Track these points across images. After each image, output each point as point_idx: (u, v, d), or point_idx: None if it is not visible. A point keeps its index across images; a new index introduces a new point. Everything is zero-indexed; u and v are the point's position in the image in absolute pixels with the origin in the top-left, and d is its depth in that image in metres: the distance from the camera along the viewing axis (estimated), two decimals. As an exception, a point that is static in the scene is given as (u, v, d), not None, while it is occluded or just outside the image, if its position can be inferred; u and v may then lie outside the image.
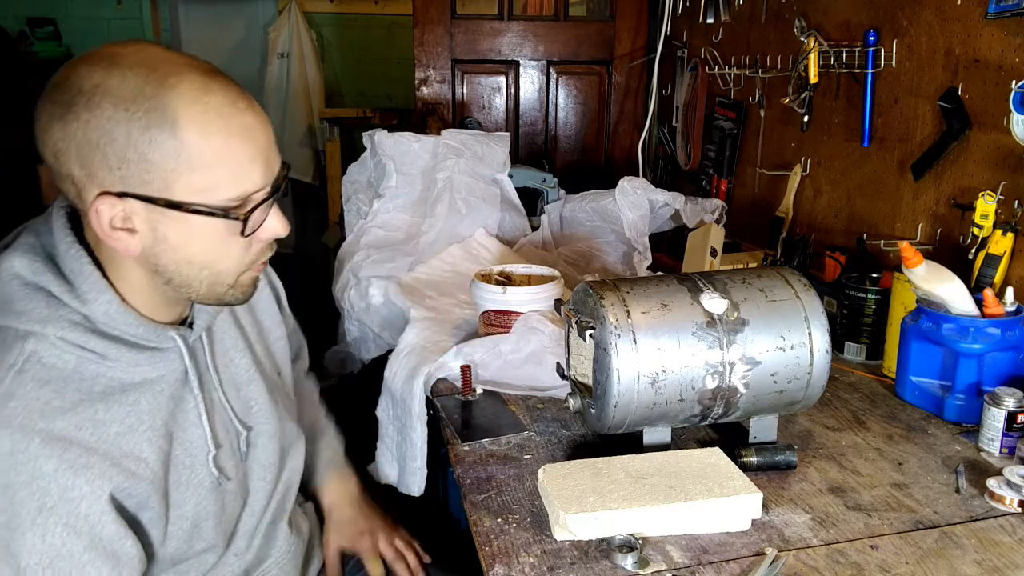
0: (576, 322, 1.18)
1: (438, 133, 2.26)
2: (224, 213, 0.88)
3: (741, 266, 2.04)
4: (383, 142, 2.20)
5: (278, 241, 0.98)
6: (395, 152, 2.19)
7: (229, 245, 0.90)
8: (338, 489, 1.36)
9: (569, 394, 1.28)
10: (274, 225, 0.93)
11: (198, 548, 1.01)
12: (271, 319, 1.20)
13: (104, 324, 0.90)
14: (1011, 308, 1.34)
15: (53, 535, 0.83)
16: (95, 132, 0.83)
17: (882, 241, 1.76)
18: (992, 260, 1.45)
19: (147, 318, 0.93)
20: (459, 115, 3.19)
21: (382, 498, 1.45)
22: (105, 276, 0.91)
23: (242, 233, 0.90)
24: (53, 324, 0.87)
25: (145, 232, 0.87)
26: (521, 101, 3.23)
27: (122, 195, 0.85)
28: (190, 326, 1.00)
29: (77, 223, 0.93)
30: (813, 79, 2.00)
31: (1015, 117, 1.42)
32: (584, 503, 1.01)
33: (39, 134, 0.86)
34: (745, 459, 1.18)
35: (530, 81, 3.21)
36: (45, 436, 0.83)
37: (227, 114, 0.86)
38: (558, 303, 1.32)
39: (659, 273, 1.71)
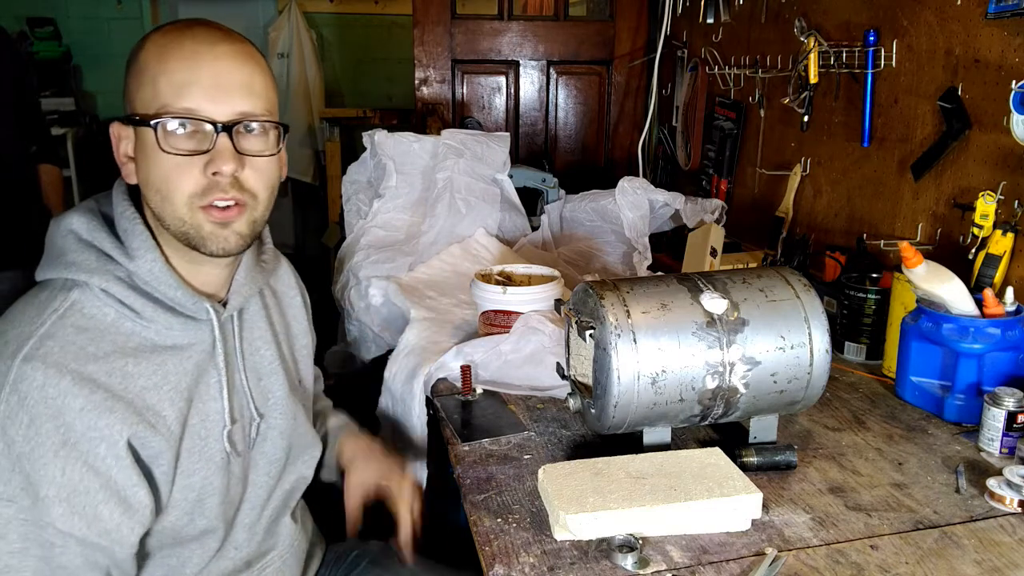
0: (576, 322, 1.18)
1: (438, 133, 2.27)
2: (143, 120, 0.94)
3: (741, 266, 2.04)
4: (383, 142, 2.20)
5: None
6: (395, 152, 2.19)
7: (160, 162, 0.94)
8: (356, 442, 1.35)
9: (569, 394, 1.28)
10: (222, 156, 0.94)
11: (200, 526, 1.03)
12: (299, 326, 1.24)
13: (146, 283, 0.96)
14: (1011, 308, 1.34)
15: (73, 470, 0.88)
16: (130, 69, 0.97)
17: (882, 241, 1.76)
18: (992, 260, 1.45)
19: (187, 283, 1.00)
20: (459, 115, 3.19)
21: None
22: (154, 238, 0.98)
23: (158, 143, 0.93)
24: (99, 276, 0.94)
25: (139, 159, 0.97)
26: (521, 101, 3.23)
27: (119, 120, 0.98)
28: (225, 306, 1.05)
29: (136, 199, 1.01)
30: (813, 79, 2.00)
31: (1015, 117, 1.42)
32: (584, 503, 1.01)
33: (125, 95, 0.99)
34: (745, 459, 1.18)
35: (530, 81, 3.21)
36: (76, 376, 0.89)
37: (178, 41, 0.95)
38: (558, 303, 1.32)
39: (659, 273, 1.71)
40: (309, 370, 1.26)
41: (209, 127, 0.94)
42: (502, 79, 3.20)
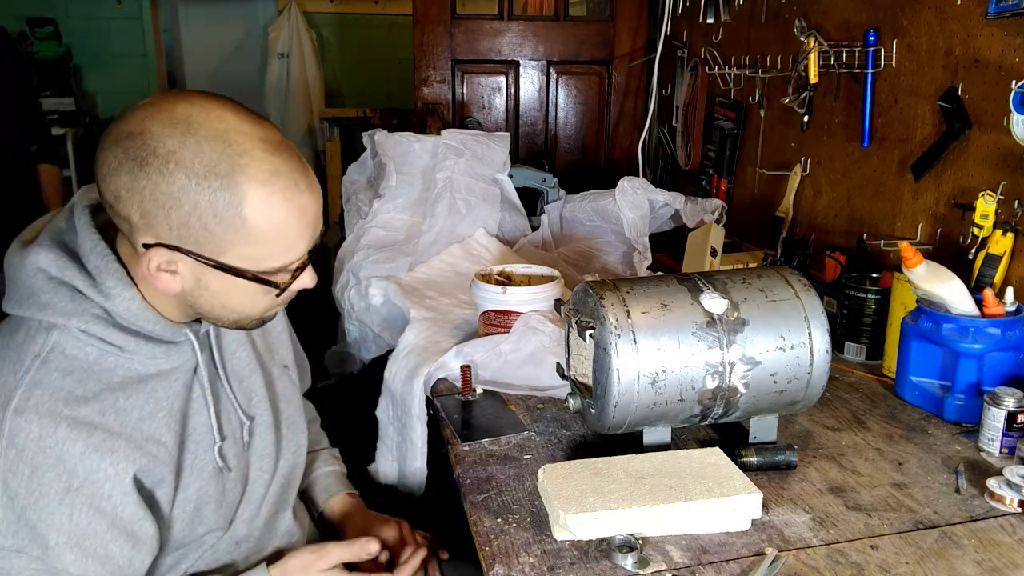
0: (576, 322, 1.18)
1: (438, 133, 2.27)
2: (266, 281, 0.95)
3: (741, 266, 2.04)
4: (383, 142, 2.20)
5: None
6: (395, 152, 2.19)
7: (260, 298, 0.98)
8: (346, 500, 1.33)
9: (569, 394, 1.28)
10: (304, 280, 1.00)
11: (200, 531, 1.04)
12: None
13: (124, 319, 0.95)
14: (1011, 308, 1.34)
15: (80, 515, 0.89)
16: (163, 196, 0.87)
17: (882, 241, 1.76)
18: (992, 260, 1.45)
19: (164, 317, 0.98)
20: (459, 115, 3.19)
21: (382, 498, 1.45)
22: (128, 275, 0.95)
23: (277, 295, 0.98)
24: (76, 317, 0.92)
25: (188, 278, 0.93)
26: (521, 101, 3.23)
27: (175, 248, 0.90)
28: (198, 321, 1.04)
29: (100, 219, 0.97)
30: (813, 79, 2.00)
31: (1015, 117, 1.42)
32: (584, 503, 1.01)
33: (101, 173, 0.89)
34: (745, 459, 1.18)
35: (530, 81, 3.21)
36: (71, 422, 0.89)
37: (289, 197, 0.91)
38: (558, 303, 1.32)
39: (659, 273, 1.71)
40: (290, 351, 1.26)
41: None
42: (502, 79, 3.20)
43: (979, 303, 1.34)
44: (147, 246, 0.90)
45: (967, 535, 1.04)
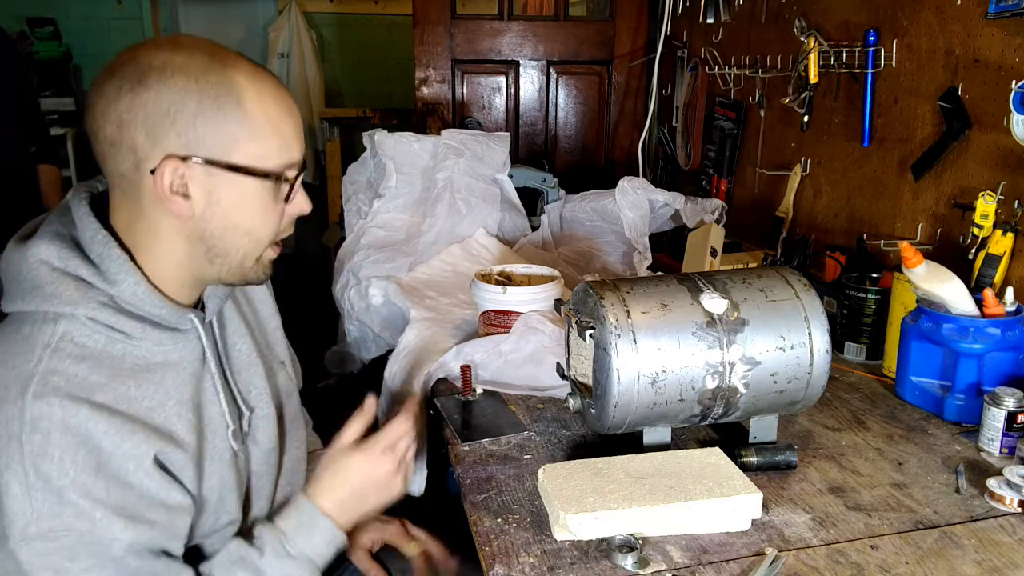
0: (576, 322, 1.18)
1: (438, 133, 2.27)
2: (274, 177, 0.97)
3: (741, 266, 2.04)
4: (383, 142, 2.20)
5: (283, 243, 1.06)
6: (395, 152, 2.19)
7: (268, 212, 0.99)
8: None
9: (569, 394, 1.28)
10: (301, 201, 1.03)
11: (223, 520, 1.05)
12: (267, 310, 1.25)
13: (130, 304, 0.95)
14: (1011, 308, 1.34)
15: (115, 487, 0.90)
16: (167, 100, 0.90)
17: (882, 241, 1.76)
18: (992, 260, 1.45)
19: (169, 299, 0.99)
20: (459, 115, 3.19)
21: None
22: (132, 259, 0.97)
23: (285, 199, 1.00)
24: (83, 305, 0.93)
25: (199, 197, 0.94)
26: (521, 101, 3.23)
27: (186, 158, 0.92)
28: (202, 310, 1.05)
29: (97, 211, 0.98)
30: (813, 79, 2.00)
31: (1015, 117, 1.42)
32: (584, 503, 1.01)
33: (100, 109, 0.92)
34: (745, 459, 1.18)
35: (530, 81, 3.21)
36: (90, 404, 0.89)
37: (278, 96, 0.97)
38: (558, 303, 1.32)
39: (659, 273, 1.71)
40: (285, 347, 1.27)
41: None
42: (502, 79, 3.20)
43: (979, 303, 1.34)
44: (155, 171, 0.92)
45: (967, 535, 1.04)
